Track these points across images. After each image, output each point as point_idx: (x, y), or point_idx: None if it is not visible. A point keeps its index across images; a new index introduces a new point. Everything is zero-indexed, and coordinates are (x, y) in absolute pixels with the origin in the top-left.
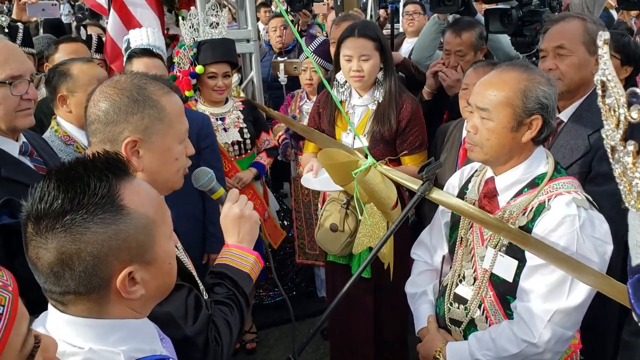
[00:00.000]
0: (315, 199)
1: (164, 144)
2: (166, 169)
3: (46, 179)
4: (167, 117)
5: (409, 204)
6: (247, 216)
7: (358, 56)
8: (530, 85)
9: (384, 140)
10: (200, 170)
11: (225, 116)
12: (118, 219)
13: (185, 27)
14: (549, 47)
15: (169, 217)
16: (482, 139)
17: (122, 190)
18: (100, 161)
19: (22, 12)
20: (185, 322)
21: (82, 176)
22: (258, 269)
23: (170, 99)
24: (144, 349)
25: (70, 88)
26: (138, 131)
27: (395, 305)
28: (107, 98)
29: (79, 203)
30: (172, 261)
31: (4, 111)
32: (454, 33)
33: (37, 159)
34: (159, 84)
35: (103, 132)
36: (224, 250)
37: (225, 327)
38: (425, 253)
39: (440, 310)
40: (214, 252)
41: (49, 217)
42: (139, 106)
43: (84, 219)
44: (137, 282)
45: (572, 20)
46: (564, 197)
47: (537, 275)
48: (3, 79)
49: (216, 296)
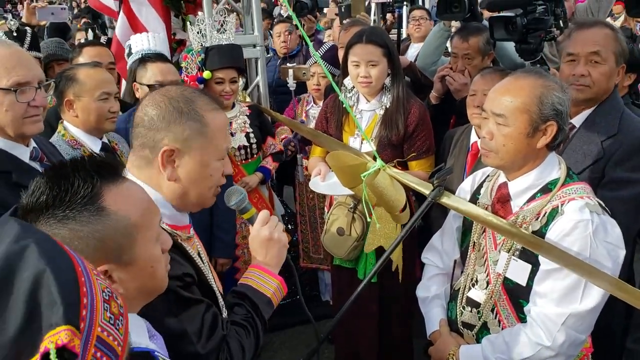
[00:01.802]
0: (320, 203)
1: (202, 158)
2: (200, 184)
3: (42, 175)
4: (209, 132)
5: (419, 210)
6: (275, 239)
7: (366, 62)
8: (546, 91)
9: (391, 145)
10: (232, 189)
11: (232, 121)
12: (96, 219)
13: (192, 32)
14: (582, 52)
15: (157, 222)
16: (497, 144)
17: (105, 192)
18: (90, 163)
19: (32, 16)
20: (199, 340)
21: (69, 175)
22: (280, 294)
23: (215, 115)
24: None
25: (76, 92)
26: (177, 141)
27: (401, 309)
28: (155, 104)
29: (61, 200)
30: (155, 264)
31: (12, 118)
32: (461, 38)
33: (47, 164)
34: (207, 99)
35: (145, 136)
36: (249, 271)
37: (238, 349)
38: (437, 257)
39: (452, 313)
40: (220, 256)
41: (34, 210)
42: (183, 117)
43: (63, 215)
44: (115, 281)
45: (605, 28)
46: (577, 202)
47: (551, 279)
48: (9, 85)
49: (235, 316)
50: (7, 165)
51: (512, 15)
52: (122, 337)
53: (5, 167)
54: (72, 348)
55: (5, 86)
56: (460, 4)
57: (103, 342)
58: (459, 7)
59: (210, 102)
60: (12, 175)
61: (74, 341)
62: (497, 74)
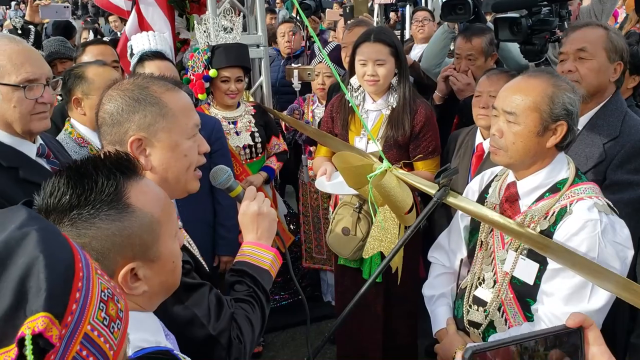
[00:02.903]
0: (324, 203)
1: (170, 140)
2: (175, 166)
3: (57, 175)
4: (170, 113)
5: (424, 211)
6: (265, 213)
7: (373, 61)
8: (557, 91)
9: (397, 145)
10: (217, 168)
11: (237, 120)
12: (123, 217)
13: (199, 31)
14: (570, 49)
15: (175, 217)
16: (507, 142)
17: (129, 189)
18: (110, 160)
19: (35, 14)
20: (209, 321)
21: (91, 174)
22: (277, 265)
23: (172, 95)
24: (149, 339)
25: (85, 91)
26: (141, 129)
27: (405, 309)
28: (112, 100)
29: (86, 199)
30: (175, 260)
31: (19, 114)
32: (465, 38)
33: (53, 160)
34: (161, 82)
35: (110, 133)
36: (243, 248)
37: (247, 324)
38: (443, 256)
39: (459, 312)
40: (224, 254)
41: (57, 211)
42: (140, 104)
43: (90, 215)
44: (140, 278)
45: (596, 27)
46: (586, 202)
47: (558, 278)
48: (18, 82)
49: (237, 294)
50: (15, 162)
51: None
52: (116, 341)
53: (12, 163)
54: (49, 337)
55: (15, 82)
56: (465, 6)
57: (91, 340)
58: (463, 9)
59: (164, 84)
60: (19, 172)
61: (52, 330)
62: (503, 75)
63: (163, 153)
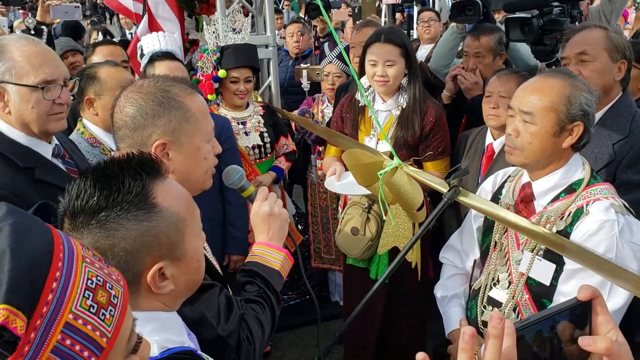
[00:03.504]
0: (333, 203)
1: (192, 144)
2: (196, 169)
3: (82, 176)
4: (194, 117)
5: (435, 210)
6: (276, 214)
7: (383, 61)
8: (575, 91)
9: (407, 145)
10: (230, 168)
11: (246, 120)
12: (150, 217)
13: (209, 31)
14: (571, 54)
15: (198, 215)
16: (523, 142)
17: (155, 189)
18: (134, 161)
19: (46, 14)
20: (218, 322)
21: (118, 175)
22: (288, 266)
23: (194, 99)
24: (174, 340)
25: (97, 91)
26: (166, 133)
27: (412, 309)
28: (133, 103)
29: (114, 200)
30: (200, 258)
31: (37, 115)
32: (473, 36)
33: (68, 161)
34: (182, 86)
35: (132, 137)
36: (254, 248)
37: (257, 325)
38: (456, 257)
39: (472, 313)
40: (234, 253)
41: (84, 213)
42: (165, 109)
43: (118, 216)
44: (167, 277)
45: (594, 29)
46: (603, 202)
47: (576, 278)
48: (37, 83)
49: (247, 294)
50: (31, 162)
51: (529, 17)
52: (109, 328)
53: (28, 164)
54: (13, 329)
55: (33, 83)
56: (475, 7)
57: (75, 329)
58: (472, 10)
59: (186, 88)
60: (35, 172)
61: (15, 322)
62: (514, 76)
63: (186, 156)
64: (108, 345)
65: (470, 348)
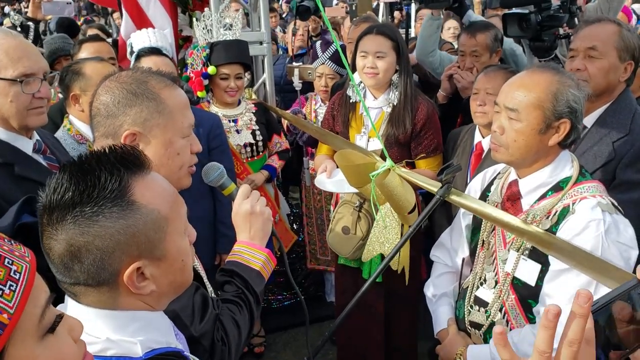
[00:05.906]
0: (327, 205)
1: (164, 138)
2: (168, 164)
3: (61, 170)
4: (167, 110)
5: (427, 208)
6: (258, 212)
7: (374, 53)
8: (562, 88)
9: (398, 143)
10: (210, 165)
11: (237, 118)
12: (127, 214)
13: (199, 28)
14: (580, 46)
15: (184, 213)
16: (508, 139)
17: (134, 185)
18: (114, 155)
19: (37, 10)
20: (192, 322)
21: (94, 169)
22: (270, 266)
23: (171, 92)
24: (159, 340)
25: (82, 87)
26: (136, 124)
27: (406, 310)
28: (108, 91)
29: (89, 196)
30: (185, 258)
31: (16, 109)
32: (469, 34)
33: (50, 156)
34: (160, 78)
35: (104, 125)
36: (235, 248)
37: (233, 326)
38: (445, 255)
39: (460, 312)
40: (225, 252)
41: (59, 208)
42: (138, 99)
43: (92, 212)
44: (147, 277)
45: (608, 24)
46: (589, 201)
47: (561, 279)
48: (15, 76)
49: (225, 294)
50: (10, 157)
51: (527, 12)
52: (10, 303)
53: (8, 159)
54: None
55: (11, 77)
56: None
57: None
58: None
59: (163, 80)
60: (14, 168)
61: None
62: (501, 72)
63: (156, 150)
64: (11, 322)
65: (553, 327)
